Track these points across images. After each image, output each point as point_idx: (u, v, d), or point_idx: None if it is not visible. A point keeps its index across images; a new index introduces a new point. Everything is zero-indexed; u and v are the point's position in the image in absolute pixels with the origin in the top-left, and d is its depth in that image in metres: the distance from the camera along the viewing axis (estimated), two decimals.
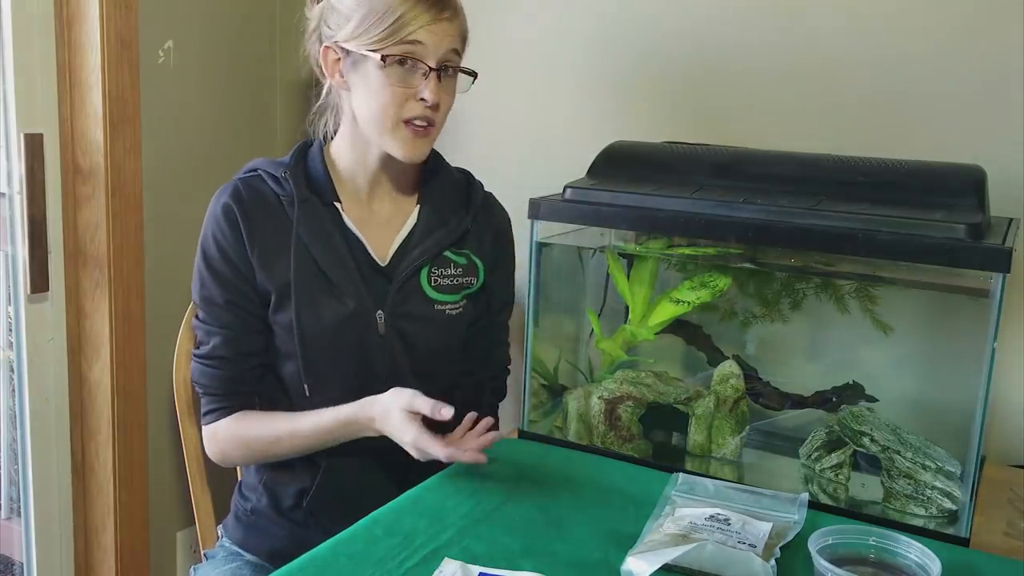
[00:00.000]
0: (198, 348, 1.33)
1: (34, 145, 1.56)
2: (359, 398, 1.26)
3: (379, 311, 1.29)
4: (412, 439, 1.17)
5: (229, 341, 1.29)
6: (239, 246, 1.27)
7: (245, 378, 1.32)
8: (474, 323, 1.39)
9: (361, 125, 1.28)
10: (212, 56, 1.80)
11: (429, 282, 1.33)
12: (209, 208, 1.31)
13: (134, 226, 1.67)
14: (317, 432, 1.27)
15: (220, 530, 1.45)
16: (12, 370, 1.66)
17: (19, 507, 1.73)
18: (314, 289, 1.27)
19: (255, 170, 1.32)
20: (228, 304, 1.29)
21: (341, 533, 1.07)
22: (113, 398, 1.67)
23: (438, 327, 1.32)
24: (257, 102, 1.93)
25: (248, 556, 1.38)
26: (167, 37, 1.70)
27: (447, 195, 1.37)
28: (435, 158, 1.39)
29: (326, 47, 1.26)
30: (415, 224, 1.34)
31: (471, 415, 1.24)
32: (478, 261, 1.37)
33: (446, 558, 1.01)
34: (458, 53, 1.26)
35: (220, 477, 1.62)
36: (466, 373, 1.40)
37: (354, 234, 1.31)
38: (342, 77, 1.27)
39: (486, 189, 1.42)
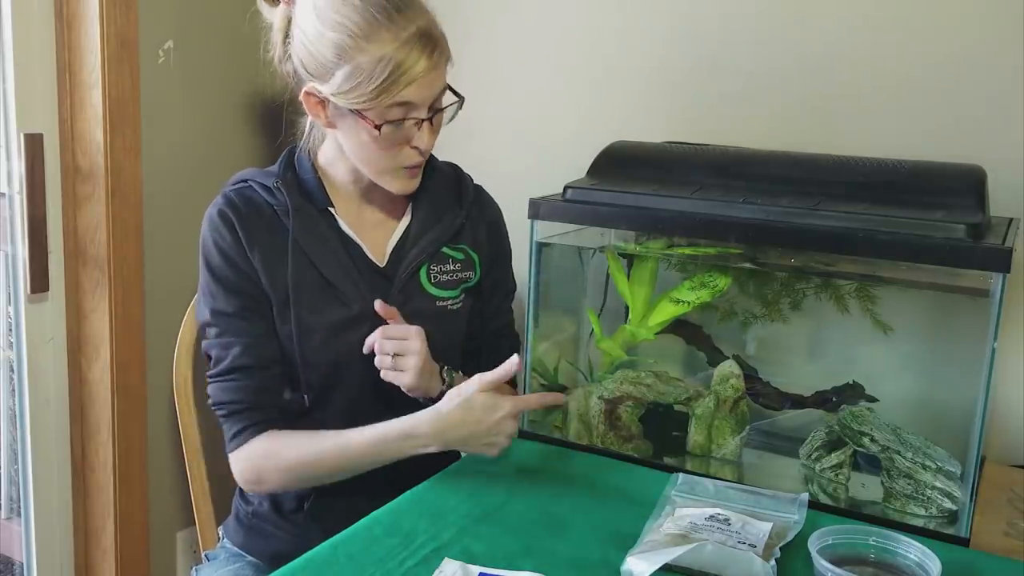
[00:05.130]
0: (214, 368, 1.26)
1: (34, 145, 1.56)
2: (362, 406, 1.26)
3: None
4: (511, 406, 1.18)
5: (248, 349, 1.24)
6: (240, 250, 1.25)
7: (270, 387, 1.26)
8: (475, 317, 1.39)
9: (351, 160, 1.27)
10: (212, 56, 1.80)
11: (429, 279, 1.32)
12: (204, 222, 1.28)
13: (134, 226, 1.67)
14: (366, 448, 1.20)
15: (221, 531, 1.45)
16: (12, 370, 1.66)
17: (19, 507, 1.73)
18: (316, 295, 1.26)
19: (244, 181, 1.30)
20: (241, 311, 1.25)
21: (341, 533, 1.07)
22: (113, 398, 1.67)
23: (441, 323, 1.32)
24: (257, 102, 1.93)
25: (250, 558, 1.38)
26: (167, 37, 1.70)
27: (439, 191, 1.37)
28: None
29: (307, 92, 1.21)
30: (409, 223, 1.34)
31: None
32: (474, 255, 1.37)
33: (446, 558, 1.01)
34: (447, 87, 1.22)
35: (220, 477, 1.62)
36: (470, 367, 1.39)
37: (350, 238, 1.30)
38: (327, 119, 1.23)
39: (476, 183, 1.42)
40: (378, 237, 1.33)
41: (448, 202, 1.37)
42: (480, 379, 1.19)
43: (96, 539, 1.74)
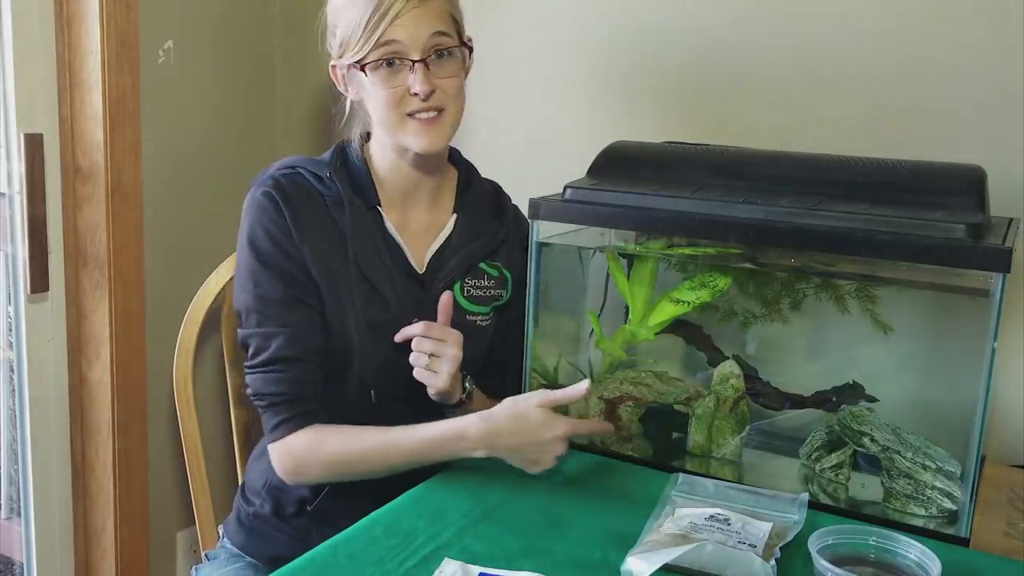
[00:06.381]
0: (253, 358, 1.24)
1: (34, 145, 1.56)
2: (384, 405, 1.25)
3: (415, 319, 1.27)
4: (565, 428, 1.17)
5: (292, 340, 1.22)
6: (289, 234, 1.23)
7: (312, 380, 1.24)
8: (501, 331, 1.40)
9: (377, 130, 1.29)
10: (212, 56, 1.80)
11: (462, 292, 1.33)
12: (247, 203, 1.26)
13: (134, 226, 1.67)
14: (414, 447, 1.19)
15: (221, 530, 1.45)
16: (12, 370, 1.66)
17: (19, 507, 1.73)
18: (358, 294, 1.25)
19: (293, 167, 1.29)
20: (288, 299, 1.22)
21: (341, 533, 1.07)
22: (113, 398, 1.67)
23: (468, 337, 1.29)
24: (257, 102, 1.93)
25: (249, 559, 1.38)
26: (167, 37, 1.70)
27: (481, 206, 1.38)
28: (468, 169, 1.40)
29: (332, 66, 1.28)
30: (451, 233, 1.34)
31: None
32: (508, 273, 1.38)
33: (446, 558, 1.01)
34: (446, 34, 1.23)
35: (220, 477, 1.62)
36: (493, 380, 1.40)
37: (395, 240, 1.30)
38: (349, 90, 1.29)
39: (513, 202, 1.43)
40: (419, 242, 1.33)
41: (487, 218, 1.38)
42: (543, 395, 1.18)
43: (96, 539, 1.74)
